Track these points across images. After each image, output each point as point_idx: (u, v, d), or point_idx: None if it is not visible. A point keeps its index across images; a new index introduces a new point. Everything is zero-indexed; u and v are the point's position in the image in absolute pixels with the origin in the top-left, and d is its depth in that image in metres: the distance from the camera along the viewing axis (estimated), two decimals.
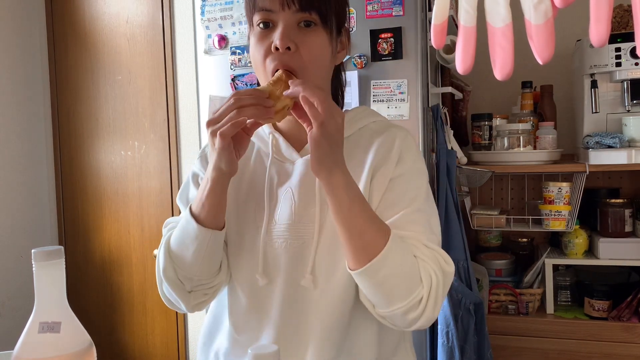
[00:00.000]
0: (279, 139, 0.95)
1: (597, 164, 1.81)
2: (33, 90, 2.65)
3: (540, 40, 0.83)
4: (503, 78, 0.98)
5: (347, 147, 0.91)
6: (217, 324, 1.01)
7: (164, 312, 2.50)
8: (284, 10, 0.85)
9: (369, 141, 0.94)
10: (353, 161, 0.91)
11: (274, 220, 0.91)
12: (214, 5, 2.01)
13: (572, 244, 1.94)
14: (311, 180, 0.90)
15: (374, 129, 0.96)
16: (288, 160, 0.95)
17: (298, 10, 0.84)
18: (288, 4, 0.84)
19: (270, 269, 0.91)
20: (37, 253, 0.62)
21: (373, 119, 0.99)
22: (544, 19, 0.80)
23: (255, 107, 0.79)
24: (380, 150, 0.92)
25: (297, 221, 0.90)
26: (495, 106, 2.30)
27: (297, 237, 0.90)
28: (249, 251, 0.92)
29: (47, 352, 0.60)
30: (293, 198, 0.91)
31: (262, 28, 0.87)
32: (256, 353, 0.55)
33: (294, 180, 0.92)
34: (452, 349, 1.67)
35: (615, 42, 1.81)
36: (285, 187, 0.93)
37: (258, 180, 0.95)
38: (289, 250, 0.90)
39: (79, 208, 2.66)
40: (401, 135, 0.94)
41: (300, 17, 0.85)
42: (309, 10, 0.85)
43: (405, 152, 0.92)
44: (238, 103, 0.79)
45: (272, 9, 0.85)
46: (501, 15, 0.84)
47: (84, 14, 2.58)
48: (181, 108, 2.42)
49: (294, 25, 0.86)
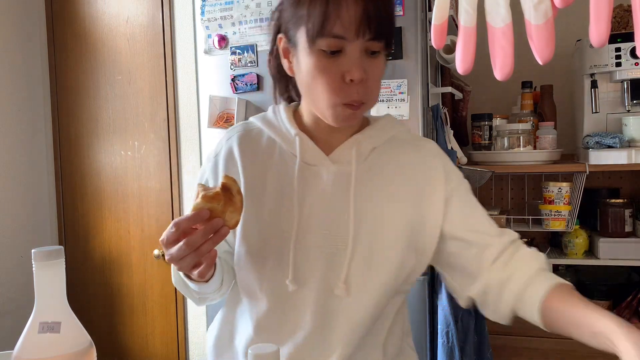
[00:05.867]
0: (308, 142, 0.92)
1: (597, 164, 1.81)
2: (33, 90, 2.65)
3: (540, 40, 0.83)
4: (503, 78, 0.98)
5: (376, 158, 0.93)
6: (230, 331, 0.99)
7: (164, 313, 2.50)
8: (358, 39, 0.81)
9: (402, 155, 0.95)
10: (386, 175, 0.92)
11: (305, 227, 0.89)
12: (214, 5, 2.01)
13: (572, 244, 1.94)
14: (343, 188, 0.90)
15: (404, 140, 0.97)
16: (318, 165, 0.92)
17: (370, 38, 0.81)
18: (363, 32, 0.80)
19: (300, 276, 0.89)
20: (37, 253, 0.62)
21: (399, 129, 0.98)
22: (544, 19, 0.80)
23: (211, 241, 0.77)
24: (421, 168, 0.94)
25: (329, 230, 0.89)
26: (495, 106, 2.30)
27: (329, 246, 0.89)
28: (275, 257, 0.90)
29: (47, 352, 0.60)
30: (325, 207, 0.90)
31: (329, 55, 0.82)
32: (256, 353, 0.55)
33: (326, 188, 0.90)
34: (452, 349, 1.67)
35: (615, 42, 1.81)
36: (316, 194, 0.90)
37: (284, 183, 0.92)
38: (320, 258, 0.89)
39: (78, 208, 2.66)
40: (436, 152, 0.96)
41: (370, 45, 0.82)
42: (379, 39, 0.82)
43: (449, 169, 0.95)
44: (192, 246, 0.76)
45: (345, 37, 0.81)
46: (501, 16, 0.84)
47: (84, 14, 2.58)
48: (181, 108, 2.42)
49: (363, 53, 0.82)
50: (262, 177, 0.93)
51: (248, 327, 0.94)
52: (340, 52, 0.82)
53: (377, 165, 0.93)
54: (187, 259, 0.77)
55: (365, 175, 0.91)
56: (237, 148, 0.95)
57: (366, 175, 0.91)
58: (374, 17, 0.80)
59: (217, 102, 2.00)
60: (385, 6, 0.82)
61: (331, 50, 0.81)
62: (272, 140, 0.95)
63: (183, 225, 0.77)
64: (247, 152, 0.95)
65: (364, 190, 0.90)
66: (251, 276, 0.92)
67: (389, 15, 0.83)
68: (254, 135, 0.97)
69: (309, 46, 0.83)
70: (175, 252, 0.77)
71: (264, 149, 0.95)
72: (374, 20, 0.80)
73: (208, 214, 0.76)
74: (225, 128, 2.00)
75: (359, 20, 0.80)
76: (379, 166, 0.92)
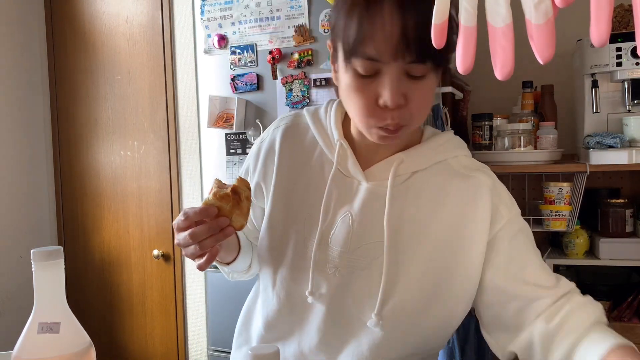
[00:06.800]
0: (347, 151, 0.86)
1: (597, 164, 1.81)
2: (32, 90, 2.65)
3: (540, 40, 0.83)
4: (504, 78, 0.98)
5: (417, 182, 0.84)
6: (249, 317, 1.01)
7: (164, 313, 2.50)
8: (395, 61, 0.71)
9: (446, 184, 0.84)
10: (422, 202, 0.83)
11: (328, 241, 0.85)
12: (214, 4, 2.01)
13: (573, 244, 1.94)
14: (374, 209, 0.83)
15: (455, 167, 0.86)
16: (352, 177, 0.87)
17: (411, 61, 0.71)
18: (402, 55, 0.70)
19: (318, 289, 0.85)
20: (36, 253, 0.61)
21: (455, 153, 0.87)
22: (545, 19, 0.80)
23: (214, 237, 0.77)
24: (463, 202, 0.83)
25: (352, 251, 0.84)
26: (496, 106, 2.30)
27: (348, 267, 0.84)
28: (294, 263, 0.88)
29: (46, 352, 0.60)
30: (352, 224, 0.84)
31: (361, 78, 0.74)
32: (256, 353, 0.55)
33: (355, 204, 0.85)
34: (452, 349, 1.67)
35: (616, 41, 1.81)
36: (344, 209, 0.85)
37: (316, 188, 0.88)
38: (337, 277, 0.84)
39: (78, 208, 2.66)
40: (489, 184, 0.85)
41: (410, 68, 0.72)
42: (424, 61, 0.71)
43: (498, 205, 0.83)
44: (195, 239, 0.76)
45: (380, 60, 0.72)
46: (502, 15, 0.84)
47: (84, 14, 2.58)
48: (181, 108, 2.41)
49: (402, 76, 0.73)
50: (295, 176, 0.90)
51: (259, 321, 0.94)
52: (377, 73, 0.73)
53: (414, 190, 0.84)
54: (190, 249, 0.79)
55: (398, 200, 0.83)
56: (279, 141, 0.92)
57: (399, 199, 0.84)
58: (414, 38, 0.70)
59: (216, 102, 2.00)
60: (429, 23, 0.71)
61: (366, 73, 0.73)
62: (314, 140, 0.91)
63: (191, 217, 0.77)
64: (287, 148, 0.92)
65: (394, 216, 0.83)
66: (267, 272, 0.91)
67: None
68: (300, 129, 0.93)
69: (345, 63, 0.76)
70: (182, 240, 0.79)
71: (305, 147, 0.91)
72: (414, 41, 0.70)
73: (216, 211, 0.77)
74: (225, 128, 2.00)
75: (396, 42, 0.70)
76: (417, 193, 0.84)
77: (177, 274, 2.45)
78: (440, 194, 0.84)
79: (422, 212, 0.84)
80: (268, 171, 0.92)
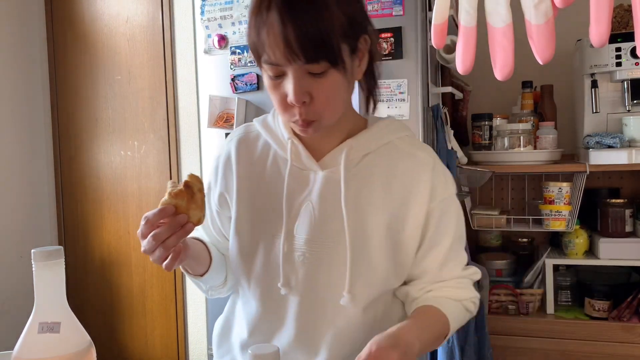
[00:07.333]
0: (299, 146, 0.93)
1: (597, 164, 1.81)
2: (33, 90, 2.65)
3: (540, 40, 0.83)
4: (503, 78, 0.98)
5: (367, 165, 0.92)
6: (229, 327, 1.04)
7: (164, 313, 2.50)
8: (291, 64, 0.79)
9: (394, 163, 0.92)
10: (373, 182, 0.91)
11: (293, 232, 0.91)
12: (214, 5, 2.01)
13: (573, 244, 1.94)
14: (332, 195, 0.90)
15: (400, 147, 0.93)
16: (308, 169, 0.93)
17: (305, 63, 0.78)
18: (293, 58, 0.78)
19: (289, 280, 0.91)
20: (37, 253, 0.62)
21: (398, 134, 0.95)
22: (545, 19, 0.80)
23: (176, 235, 0.80)
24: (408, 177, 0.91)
25: (316, 236, 0.90)
26: (496, 106, 2.30)
27: (315, 252, 0.90)
28: (265, 260, 0.93)
29: (46, 352, 0.60)
30: (313, 212, 0.90)
31: (273, 79, 0.83)
32: (256, 353, 0.55)
33: (314, 193, 0.91)
34: (452, 349, 1.67)
35: (616, 42, 1.81)
36: (305, 199, 0.91)
37: (275, 187, 0.93)
38: (306, 264, 0.90)
39: (78, 208, 2.66)
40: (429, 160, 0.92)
41: (309, 67, 0.79)
42: (316, 61, 0.78)
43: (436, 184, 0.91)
44: (158, 240, 0.79)
45: (279, 64, 0.80)
46: (501, 16, 0.84)
47: (84, 14, 2.58)
48: (181, 108, 2.41)
49: (304, 75, 0.80)
50: (256, 182, 0.96)
51: (243, 327, 0.98)
52: (284, 74, 0.81)
53: (366, 172, 0.91)
54: (156, 253, 0.80)
55: (353, 182, 0.90)
56: (235, 152, 0.98)
57: (354, 182, 0.91)
58: (299, 41, 0.77)
59: (217, 102, 2.00)
60: (313, 26, 0.76)
61: (274, 75, 0.82)
62: (267, 144, 0.97)
63: (152, 219, 0.80)
64: (243, 157, 0.98)
65: (351, 198, 0.90)
66: (242, 277, 0.96)
67: (321, 34, 0.77)
68: (252, 138, 1.00)
69: (260, 67, 0.84)
70: (146, 245, 0.80)
71: (259, 153, 0.97)
72: (300, 44, 0.77)
73: (173, 210, 0.80)
74: (225, 128, 2.00)
75: (282, 47, 0.77)
76: (369, 173, 0.91)
77: (177, 274, 2.45)
78: (390, 172, 0.91)
79: (375, 190, 0.91)
80: (229, 181, 0.98)
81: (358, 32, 0.85)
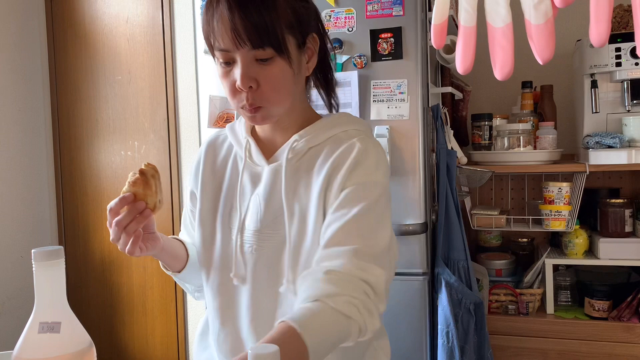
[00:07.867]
0: (251, 144, 0.99)
1: (597, 164, 1.81)
2: (33, 90, 2.65)
3: (540, 40, 0.83)
4: (503, 78, 0.98)
5: (311, 156, 0.95)
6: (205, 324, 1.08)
7: (164, 312, 2.51)
8: (239, 49, 0.85)
9: (331, 150, 0.94)
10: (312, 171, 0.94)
11: (244, 225, 0.97)
12: None
13: (572, 244, 1.94)
14: (276, 187, 0.95)
15: (342, 138, 0.95)
16: (260, 166, 0.98)
17: (251, 48, 0.85)
18: (241, 43, 0.85)
19: (241, 271, 0.96)
20: (37, 253, 0.62)
21: (345, 128, 0.97)
22: (544, 19, 0.80)
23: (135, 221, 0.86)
24: (337, 159, 0.93)
25: (261, 229, 0.95)
26: (495, 106, 2.30)
27: (260, 243, 0.95)
28: (222, 252, 0.98)
29: (47, 352, 0.60)
30: (259, 204, 0.96)
31: (224, 66, 0.89)
32: (256, 353, 0.55)
33: (261, 187, 0.96)
34: (452, 349, 1.67)
35: (616, 42, 1.81)
36: (255, 194, 0.97)
37: (233, 183, 1.00)
38: (254, 256, 0.95)
39: (78, 208, 2.66)
40: (360, 147, 0.92)
41: (255, 53, 0.86)
42: (262, 47, 0.85)
43: (359, 163, 0.91)
44: (120, 226, 0.86)
45: (228, 49, 0.86)
46: (501, 16, 0.84)
47: (84, 14, 2.58)
48: (181, 108, 2.42)
49: (252, 62, 0.87)
50: (219, 180, 1.02)
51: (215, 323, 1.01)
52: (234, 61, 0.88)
53: (309, 164, 0.95)
54: (121, 241, 0.88)
55: (296, 174, 0.94)
56: (203, 155, 1.06)
57: (297, 174, 0.95)
58: (245, 28, 0.83)
59: (217, 102, 2.00)
60: (259, 14, 0.83)
61: (224, 61, 0.88)
62: (231, 146, 1.04)
63: (114, 208, 0.87)
64: (209, 158, 1.05)
65: (292, 189, 0.94)
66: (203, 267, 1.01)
67: (266, 22, 0.84)
68: (219, 142, 1.07)
69: (214, 56, 0.92)
70: (112, 234, 0.88)
71: (224, 154, 1.05)
72: (246, 30, 0.83)
73: (132, 197, 0.87)
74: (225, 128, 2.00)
75: (230, 34, 0.84)
76: (311, 165, 0.95)
77: None
78: (326, 159, 0.94)
79: (313, 178, 0.94)
80: (198, 180, 1.05)
81: (305, 28, 0.91)
